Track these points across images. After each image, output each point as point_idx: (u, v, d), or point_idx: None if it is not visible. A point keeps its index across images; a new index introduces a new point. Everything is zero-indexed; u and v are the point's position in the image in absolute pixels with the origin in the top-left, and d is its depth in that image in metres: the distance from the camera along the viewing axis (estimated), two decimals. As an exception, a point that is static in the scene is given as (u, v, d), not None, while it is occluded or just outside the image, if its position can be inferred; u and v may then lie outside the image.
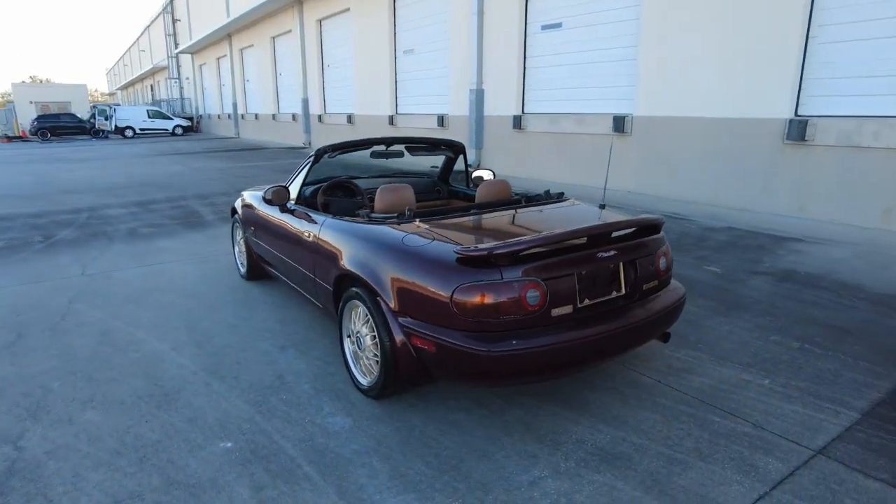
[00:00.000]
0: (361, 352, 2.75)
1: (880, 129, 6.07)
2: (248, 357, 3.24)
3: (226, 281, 4.65)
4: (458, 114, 12.16)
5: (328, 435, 2.46)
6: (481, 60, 11.30)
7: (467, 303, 2.21)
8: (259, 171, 12.86)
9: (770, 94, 6.98)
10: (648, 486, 2.13)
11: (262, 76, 22.59)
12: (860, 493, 2.08)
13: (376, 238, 2.64)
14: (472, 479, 2.17)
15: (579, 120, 9.60)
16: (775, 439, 2.42)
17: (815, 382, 2.90)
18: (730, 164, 7.53)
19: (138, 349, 3.37)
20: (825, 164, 6.58)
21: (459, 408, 2.68)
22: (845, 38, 6.34)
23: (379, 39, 14.20)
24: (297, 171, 3.76)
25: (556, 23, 10.03)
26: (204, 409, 2.68)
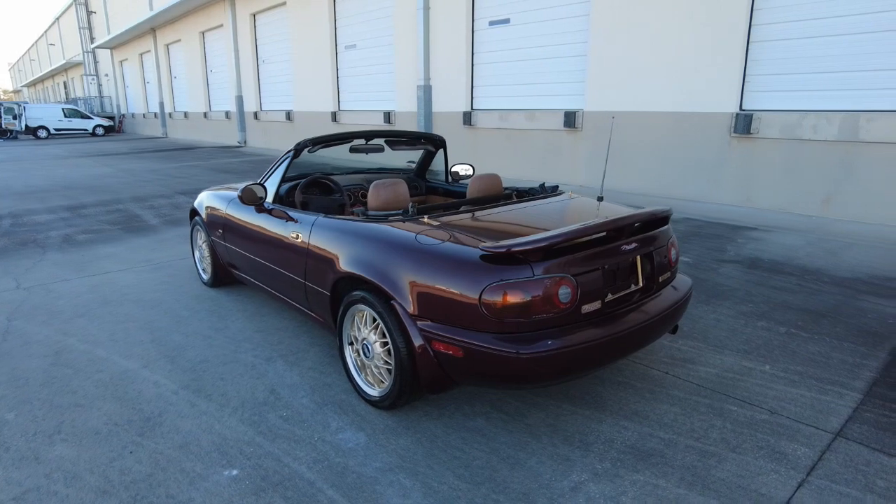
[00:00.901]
0: (369, 360, 2.56)
1: (818, 123, 6.44)
2: (232, 371, 2.96)
3: (187, 289, 4.28)
4: (405, 110, 11.97)
5: (343, 453, 2.26)
6: (428, 56, 11.17)
7: (497, 303, 2.07)
8: (197, 171, 12.12)
9: (717, 89, 7.27)
10: (689, 481, 2.08)
11: (192, 73, 21.41)
12: (888, 473, 2.12)
13: (385, 237, 2.45)
14: (512, 490, 2.04)
15: (530, 116, 9.66)
16: (794, 424, 2.44)
17: (811, 366, 2.97)
18: (680, 157, 7.79)
19: (101, 369, 3.00)
20: (770, 155, 6.92)
21: (477, 413, 2.55)
22: (783, 37, 6.68)
23: (318, 34, 13.76)
24: (272, 167, 3.49)
25: (504, 19, 10.04)
26: (195, 433, 2.40)
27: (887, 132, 5.93)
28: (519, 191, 3.50)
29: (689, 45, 7.39)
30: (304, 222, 2.95)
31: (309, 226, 2.90)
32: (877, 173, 6.09)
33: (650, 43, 7.79)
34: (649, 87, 7.93)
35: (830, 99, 6.41)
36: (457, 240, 2.30)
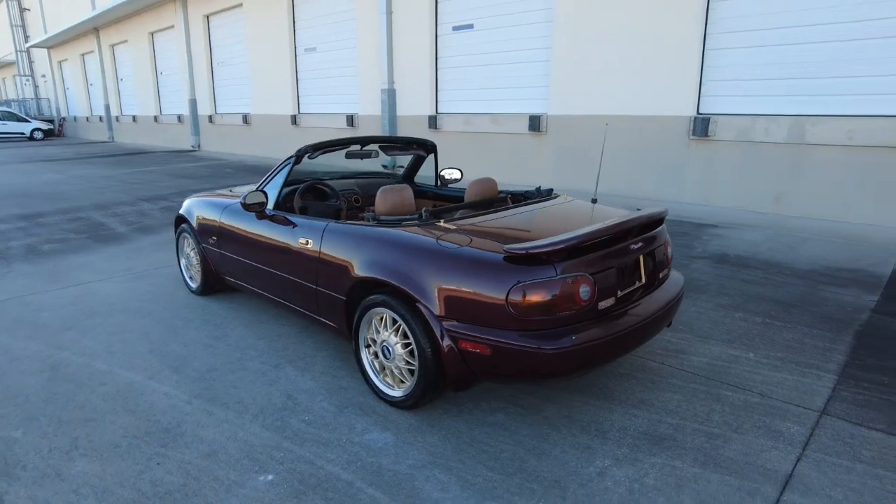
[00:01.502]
0: (389, 361, 2.62)
1: (769, 126, 6.90)
2: (243, 379, 2.96)
3: (176, 298, 4.20)
4: (369, 113, 11.97)
5: (374, 452, 2.32)
6: (392, 60, 11.22)
7: (523, 302, 2.19)
8: (154, 176, 11.73)
9: (676, 93, 7.65)
10: (702, 461, 2.26)
11: (140, 75, 20.62)
12: (871, 444, 2.36)
13: (406, 242, 2.53)
14: (544, 478, 2.16)
15: (495, 119, 9.86)
16: (783, 405, 2.67)
17: (789, 352, 3.23)
18: (642, 159, 8.14)
19: (105, 382, 2.94)
20: (726, 156, 7.34)
21: (494, 409, 2.65)
22: (735, 46, 7.11)
23: (277, 37, 13.56)
24: (272, 173, 3.49)
25: (468, 24, 10.21)
26: (220, 442, 2.41)
27: (829, 135, 6.41)
28: (513, 194, 3.63)
29: (649, 52, 7.75)
30: (314, 228, 2.98)
31: (319, 232, 2.93)
32: (821, 173, 6.57)
33: (611, 49, 8.11)
34: (611, 92, 8.25)
35: (779, 104, 6.87)
36: (477, 243, 2.40)
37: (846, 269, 4.73)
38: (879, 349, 3.24)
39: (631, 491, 2.09)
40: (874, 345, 3.30)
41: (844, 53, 6.27)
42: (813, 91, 6.57)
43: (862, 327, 3.55)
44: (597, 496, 2.06)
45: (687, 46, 7.41)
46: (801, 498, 2.04)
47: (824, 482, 2.13)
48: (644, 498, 2.05)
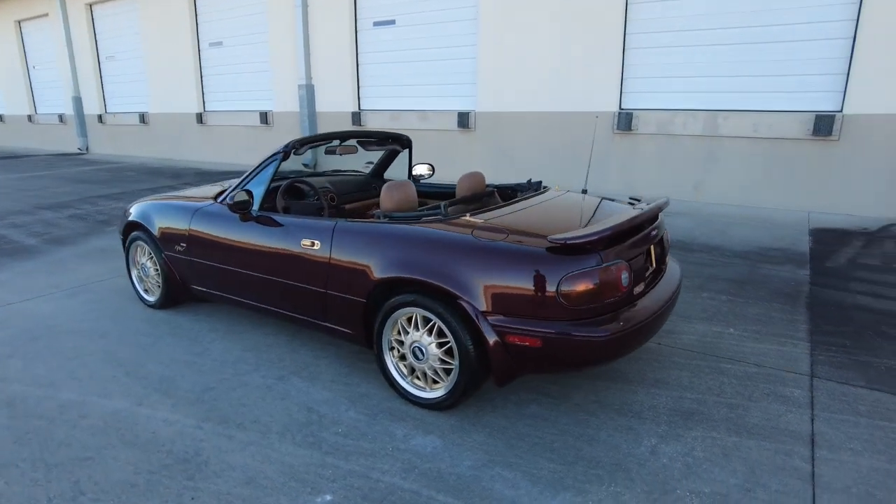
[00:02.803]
0: (421, 363, 2.53)
1: (687, 120, 7.49)
2: (248, 396, 2.71)
3: (130, 313, 3.75)
4: (284, 110, 11.46)
5: (428, 458, 2.23)
6: (309, 55, 10.81)
7: (573, 291, 2.21)
8: (46, 182, 10.38)
9: (599, 90, 8.07)
10: (735, 430, 2.41)
11: (7, 69, 18.15)
12: (862, 399, 2.64)
13: (440, 239, 2.44)
14: (604, 463, 2.19)
15: (423, 116, 9.84)
16: (778, 373, 2.91)
17: (761, 324, 3.54)
18: (569, 152, 8.51)
19: (84, 414, 2.56)
20: (648, 149, 7.87)
21: (524, 401, 2.65)
22: (653, 45, 7.64)
23: (177, 30, 12.56)
24: (254, 171, 3.22)
25: (390, 20, 10.09)
26: (254, 466, 2.19)
27: (739, 128, 7.10)
28: (499, 188, 3.64)
29: (573, 49, 8.10)
30: (320, 229, 2.79)
31: (328, 232, 2.75)
32: (732, 163, 7.26)
33: (537, 46, 8.38)
34: (538, 89, 8.53)
35: (695, 99, 7.48)
36: (513, 236, 2.38)
37: (774, 249, 5.26)
38: (831, 316, 3.63)
39: (687, 465, 2.18)
40: (825, 313, 3.70)
41: (750, 55, 6.95)
42: (724, 88, 7.22)
43: (809, 298, 3.97)
44: (659, 474, 2.13)
45: (609, 45, 7.83)
46: (830, 454, 2.24)
47: (842, 437, 2.35)
48: (701, 470, 2.15)
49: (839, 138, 6.57)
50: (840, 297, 3.99)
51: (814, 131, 6.63)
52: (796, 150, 6.84)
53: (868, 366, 2.97)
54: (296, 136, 11.37)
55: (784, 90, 6.85)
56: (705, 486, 2.06)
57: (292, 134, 11.43)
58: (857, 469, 2.15)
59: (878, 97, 6.30)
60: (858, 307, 3.78)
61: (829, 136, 6.57)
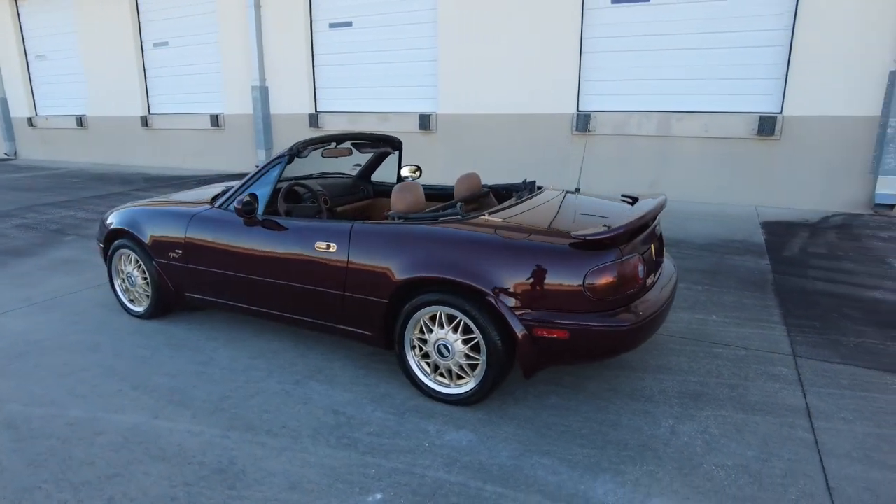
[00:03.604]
0: (446, 360, 2.58)
1: (642, 121, 7.88)
2: (269, 402, 2.68)
3: (117, 325, 3.59)
4: (237, 112, 11.16)
5: (466, 451, 2.29)
6: (263, 56, 10.58)
7: (598, 285, 2.33)
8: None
9: (558, 92, 8.34)
10: (741, 407, 2.61)
11: None
12: (840, 374, 2.92)
13: (466, 238, 2.51)
14: (631, 445, 2.33)
15: (383, 118, 9.83)
16: (765, 354, 3.16)
17: (739, 311, 3.81)
18: (529, 153, 8.74)
19: (99, 430, 2.46)
20: (605, 149, 8.21)
21: (543, 392, 2.76)
22: (608, 49, 7.97)
23: (117, 29, 11.96)
24: (257, 174, 3.16)
25: (346, 21, 10.02)
26: (295, 472, 2.18)
27: (690, 129, 7.53)
28: (494, 188, 3.75)
29: (532, 53, 8.33)
30: (336, 231, 2.79)
31: (345, 234, 2.76)
32: (684, 161, 7.69)
33: (497, 49, 8.56)
34: (498, 91, 8.72)
35: (649, 101, 7.87)
36: (536, 233, 2.48)
37: (733, 241, 5.63)
38: (798, 301, 3.96)
39: (707, 442, 2.35)
40: (792, 299, 4.02)
41: (700, 59, 7.39)
42: (677, 91, 7.64)
43: (775, 286, 4.30)
44: (684, 451, 2.29)
45: (567, 48, 8.11)
46: (826, 424, 2.48)
47: (832, 409, 2.60)
48: (720, 445, 2.32)
49: (781, 138, 7.10)
50: (801, 283, 4.34)
51: (758, 131, 7.13)
52: (743, 148, 7.34)
53: (839, 344, 3.27)
54: (250, 139, 11.09)
55: (731, 93, 7.33)
56: (727, 460, 2.23)
57: (245, 137, 11.14)
58: (852, 436, 2.39)
59: (812, 100, 6.86)
60: (819, 292, 4.13)
61: (771, 135, 7.09)
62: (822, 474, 2.14)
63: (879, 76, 6.51)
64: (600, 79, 8.16)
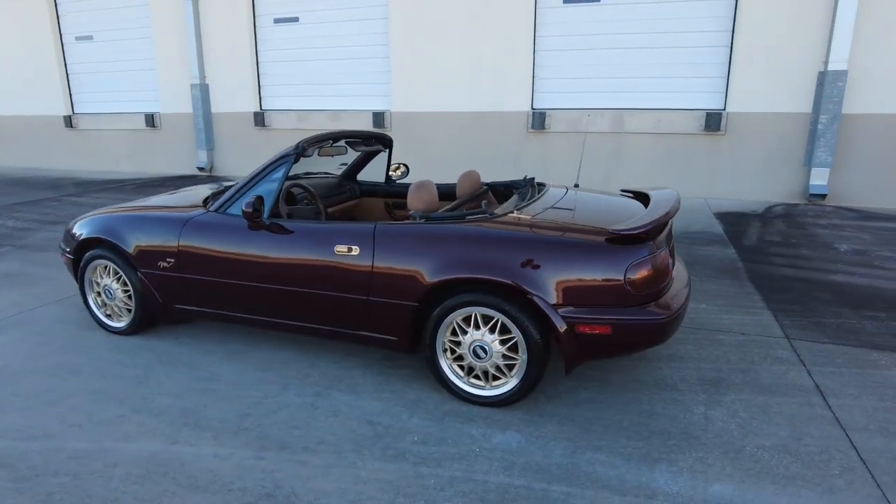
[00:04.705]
0: (482, 361, 2.54)
1: (594, 118, 8.13)
2: (295, 417, 2.53)
3: (92, 343, 3.27)
4: (174, 111, 10.52)
5: (518, 453, 2.26)
6: (202, 53, 10.03)
7: (637, 278, 2.37)
8: None
9: (513, 91, 8.44)
10: (758, 390, 2.73)
11: None
12: (833, 353, 3.13)
13: (504, 237, 2.46)
14: (674, 433, 2.38)
15: (334, 116, 9.59)
16: (762, 338, 3.34)
17: (725, 299, 4.00)
18: (484, 151, 8.79)
19: (112, 462, 2.22)
20: (560, 146, 8.41)
21: (572, 388, 2.77)
22: (559, 48, 8.16)
23: (31, 21, 10.93)
24: (258, 175, 2.97)
25: (292, 17, 9.68)
26: (349, 489, 2.07)
27: (642, 125, 7.85)
28: (493, 186, 3.73)
29: (486, 51, 8.38)
30: (357, 233, 2.67)
31: (368, 236, 2.65)
32: (637, 156, 8.01)
33: (450, 47, 8.54)
34: (453, 89, 8.70)
35: (602, 99, 8.13)
36: (571, 230, 2.48)
37: (696, 232, 5.92)
38: (773, 287, 4.21)
39: (740, 425, 2.44)
40: (767, 285, 4.27)
41: (650, 58, 7.71)
42: (628, 88, 7.94)
43: (748, 274, 4.55)
44: (722, 436, 2.37)
45: (519, 47, 8.22)
46: (838, 401, 2.64)
47: (838, 386, 2.78)
48: (753, 427, 2.42)
49: (725, 133, 7.54)
50: (769, 270, 4.62)
51: (705, 127, 7.54)
52: (692, 143, 7.73)
53: (823, 325, 3.51)
54: (190, 139, 10.47)
55: (680, 90, 7.70)
56: (765, 441, 2.33)
57: (185, 137, 10.51)
58: (864, 411, 2.56)
59: (751, 98, 7.33)
60: (787, 278, 4.42)
61: (717, 131, 7.51)
62: (852, 448, 2.28)
63: (810, 76, 7.06)
64: (554, 77, 8.33)
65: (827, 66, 6.84)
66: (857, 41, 6.74)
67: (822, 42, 6.94)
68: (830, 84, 6.84)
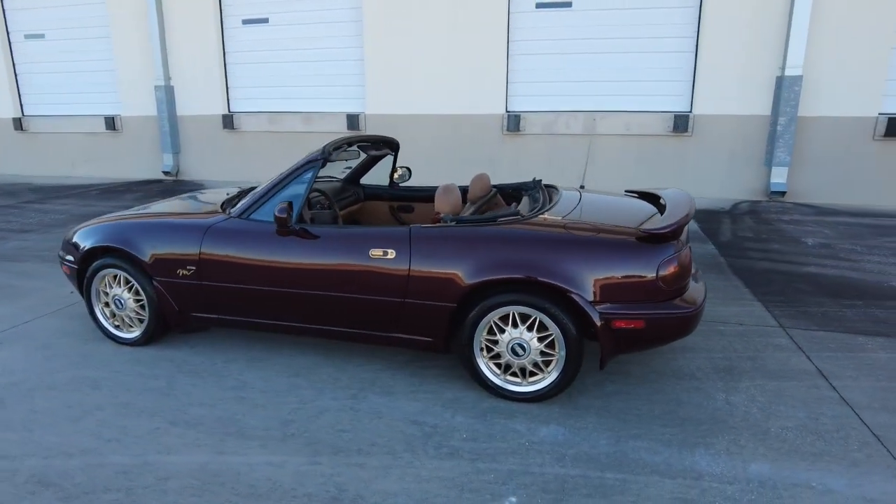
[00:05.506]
0: (521, 359, 2.62)
1: (569, 121, 8.37)
2: (339, 421, 2.54)
3: (104, 355, 3.16)
4: (136, 114, 10.15)
5: (566, 445, 2.36)
6: (166, 53, 9.72)
7: (668, 275, 2.51)
8: None
9: (488, 93, 8.58)
10: (768, 376, 2.93)
11: None
12: (825, 340, 3.38)
13: (543, 237, 2.56)
14: (702, 420, 2.54)
15: (307, 118, 9.49)
16: (759, 328, 3.57)
17: (718, 293, 4.23)
18: (460, 153, 8.90)
19: (162, 475, 2.18)
20: (535, 148, 8.61)
21: (599, 382, 2.90)
22: (531, 52, 8.35)
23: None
24: (283, 180, 2.95)
25: (262, 18, 9.52)
26: (413, 489, 2.11)
27: (613, 127, 8.14)
28: (502, 188, 3.83)
29: (460, 54, 8.48)
30: (393, 237, 2.71)
31: (404, 240, 2.69)
32: (608, 157, 8.30)
33: (424, 50, 8.60)
34: (428, 92, 8.77)
35: (575, 102, 8.38)
36: (603, 230, 2.60)
37: (673, 229, 6.20)
38: (757, 281, 4.49)
39: (761, 409, 2.63)
40: (751, 279, 4.55)
41: (620, 63, 8.00)
42: (600, 92, 8.21)
43: (731, 268, 4.83)
44: (747, 419, 2.54)
45: (493, 51, 8.36)
46: (841, 382, 2.87)
47: (837, 369, 3.01)
48: (774, 411, 2.61)
49: (692, 134, 7.92)
50: (749, 264, 4.92)
51: (674, 128, 7.89)
52: (661, 144, 8.07)
53: (809, 314, 3.78)
54: (154, 142, 10.11)
55: (649, 93, 8.03)
56: (787, 423, 2.52)
57: (148, 141, 10.14)
58: (864, 391, 2.80)
59: (715, 100, 7.73)
60: (767, 271, 4.71)
61: (685, 132, 7.88)
62: (864, 425, 2.49)
63: (769, 81, 7.51)
64: (528, 80, 8.52)
65: (784, 71, 7.30)
66: (811, 49, 7.22)
67: (779, 49, 7.39)
68: (787, 88, 7.30)
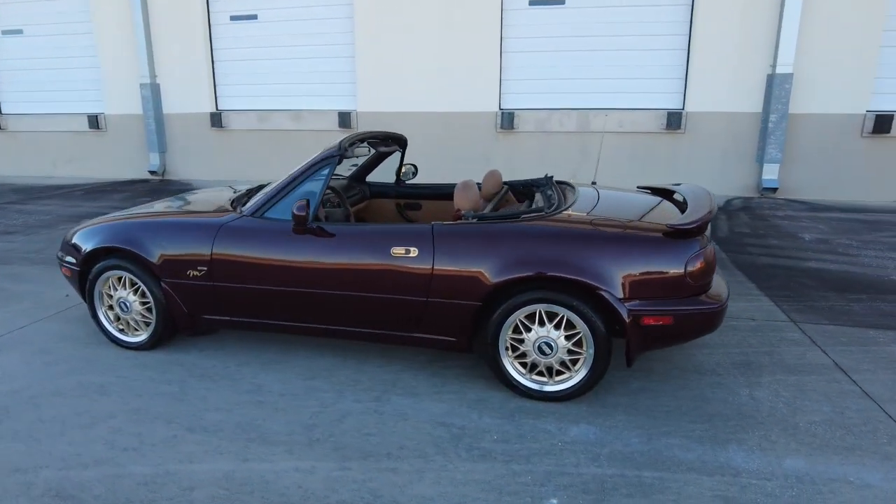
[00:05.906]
0: (548, 358, 2.58)
1: (562, 118, 8.38)
2: (364, 424, 2.48)
3: (109, 360, 3.05)
4: (120, 112, 9.91)
5: (599, 444, 2.33)
6: (152, 50, 9.49)
7: (695, 270, 2.49)
8: None
9: (482, 91, 8.54)
10: (788, 370, 2.94)
11: None
12: (836, 334, 3.41)
13: (571, 233, 2.52)
14: (731, 415, 2.53)
15: (296, 116, 9.35)
16: (771, 323, 3.58)
17: (722, 287, 4.24)
18: (454, 150, 8.85)
19: (186, 485, 2.09)
20: (529, 145, 8.60)
21: (623, 379, 2.88)
22: (524, 50, 8.34)
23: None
24: (300, 176, 2.86)
25: (250, 14, 9.35)
26: (450, 492, 2.06)
27: (607, 124, 8.16)
28: (512, 184, 3.79)
29: (454, 51, 8.43)
30: (414, 235, 2.65)
31: (426, 237, 2.63)
32: (602, 154, 8.31)
33: (417, 47, 8.53)
34: (421, 89, 8.70)
35: (569, 100, 8.38)
36: (629, 227, 2.57)
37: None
38: (761, 276, 4.52)
39: (786, 404, 2.63)
40: (755, 274, 4.58)
41: (614, 60, 8.03)
42: (594, 89, 8.23)
43: (734, 264, 4.85)
44: (775, 414, 2.54)
45: (487, 48, 8.32)
46: (858, 375, 2.89)
47: (853, 363, 3.03)
48: (799, 405, 2.61)
49: (685, 131, 7.97)
50: (751, 259, 4.95)
51: (667, 126, 7.94)
52: (654, 141, 8.12)
53: (817, 309, 3.81)
54: (139, 141, 9.88)
55: (643, 91, 8.07)
56: (814, 417, 2.52)
57: (134, 139, 9.90)
58: (884, 384, 2.82)
59: (708, 98, 7.80)
60: (770, 266, 4.75)
61: (678, 129, 7.93)
62: (889, 419, 2.51)
63: (760, 78, 7.59)
64: (521, 77, 8.50)
65: (775, 69, 7.38)
66: (801, 47, 7.32)
67: (770, 47, 7.47)
68: (778, 86, 7.38)
